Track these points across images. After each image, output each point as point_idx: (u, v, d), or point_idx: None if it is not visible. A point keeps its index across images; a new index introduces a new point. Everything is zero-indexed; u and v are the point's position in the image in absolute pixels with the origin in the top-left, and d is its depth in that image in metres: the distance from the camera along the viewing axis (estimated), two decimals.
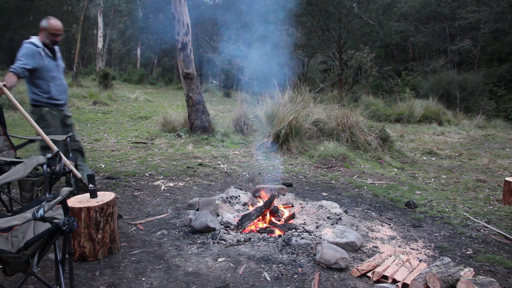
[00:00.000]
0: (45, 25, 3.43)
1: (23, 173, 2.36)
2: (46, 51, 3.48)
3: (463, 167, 6.38)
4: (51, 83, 3.51)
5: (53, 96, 3.54)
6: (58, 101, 3.62)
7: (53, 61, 3.56)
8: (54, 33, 3.45)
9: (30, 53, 3.36)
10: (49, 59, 3.50)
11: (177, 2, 7.06)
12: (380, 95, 16.12)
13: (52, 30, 3.43)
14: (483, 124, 11.81)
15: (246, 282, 2.36)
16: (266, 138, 6.65)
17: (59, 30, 3.47)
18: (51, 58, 3.54)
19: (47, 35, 3.45)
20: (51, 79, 3.52)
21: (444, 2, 20.62)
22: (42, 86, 3.46)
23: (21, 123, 8.08)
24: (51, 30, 3.43)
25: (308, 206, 3.68)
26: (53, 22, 3.45)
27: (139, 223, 3.32)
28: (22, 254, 1.67)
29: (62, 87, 3.66)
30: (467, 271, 2.38)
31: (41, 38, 3.47)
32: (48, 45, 3.49)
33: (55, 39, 3.49)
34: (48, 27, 3.42)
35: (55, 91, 3.55)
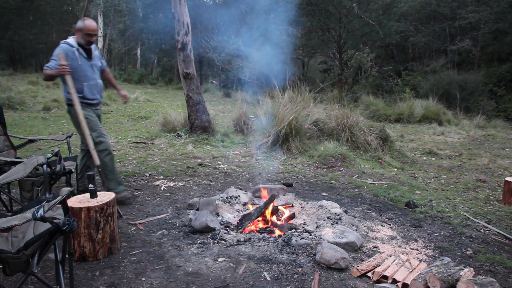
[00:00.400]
0: (81, 25, 3.47)
1: (23, 173, 2.36)
2: (80, 51, 3.51)
3: (463, 167, 6.38)
4: (84, 83, 3.52)
5: (86, 95, 3.55)
6: (91, 101, 3.62)
7: (88, 61, 3.58)
8: (89, 34, 3.48)
9: (64, 53, 3.38)
10: (83, 59, 3.53)
11: (177, 2, 7.05)
12: (380, 95, 16.12)
13: (87, 30, 3.46)
14: (483, 124, 11.80)
15: (246, 282, 2.36)
16: (266, 138, 6.65)
17: (93, 30, 3.50)
18: (86, 58, 3.56)
19: (82, 35, 3.48)
20: (85, 78, 3.53)
21: (444, 2, 20.62)
22: (75, 85, 3.46)
23: (21, 123, 8.08)
24: (86, 31, 3.46)
25: (308, 206, 3.68)
26: (88, 22, 3.49)
27: (139, 223, 3.32)
28: (22, 254, 1.67)
29: (96, 87, 3.66)
30: (467, 271, 2.38)
31: (76, 39, 3.51)
32: (83, 45, 3.53)
33: (90, 39, 3.52)
34: (84, 27, 3.46)
35: (88, 91, 3.56)
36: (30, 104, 10.70)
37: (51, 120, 8.76)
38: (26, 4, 24.26)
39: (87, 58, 3.58)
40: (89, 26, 3.47)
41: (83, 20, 3.50)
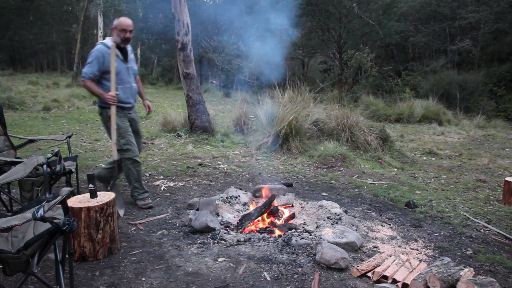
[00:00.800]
0: (115, 23, 3.45)
1: (23, 173, 2.36)
2: (117, 53, 3.44)
3: (463, 167, 6.38)
4: (119, 86, 3.44)
5: (120, 99, 3.46)
6: (125, 104, 3.55)
7: (123, 64, 3.52)
8: (124, 29, 3.42)
9: (100, 55, 3.36)
10: (119, 61, 3.47)
11: (177, 2, 7.05)
12: (380, 95, 16.12)
13: (122, 26, 3.41)
14: (483, 124, 11.80)
15: (246, 282, 2.37)
16: (266, 138, 6.65)
17: (128, 25, 3.44)
18: (122, 60, 3.50)
19: (117, 32, 3.43)
20: (120, 81, 3.46)
21: (444, 2, 20.62)
22: (105, 86, 3.41)
23: (21, 123, 8.08)
24: (120, 26, 3.41)
25: (308, 206, 3.68)
26: (122, 19, 3.47)
27: (139, 223, 3.32)
28: (22, 254, 1.67)
29: (130, 90, 3.59)
30: (467, 271, 2.38)
31: (113, 39, 3.47)
32: (120, 46, 3.47)
33: (125, 36, 3.45)
34: (118, 24, 3.43)
35: (122, 94, 3.47)
36: (30, 104, 10.70)
37: (51, 120, 8.76)
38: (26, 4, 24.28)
39: (123, 61, 3.52)
40: (123, 22, 3.43)
41: (118, 18, 3.50)
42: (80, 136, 7.19)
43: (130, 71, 3.59)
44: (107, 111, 3.47)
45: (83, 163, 5.16)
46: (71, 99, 11.94)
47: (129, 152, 3.54)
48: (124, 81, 3.51)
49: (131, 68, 3.61)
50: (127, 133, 3.53)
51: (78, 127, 8.21)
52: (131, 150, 3.54)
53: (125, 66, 3.54)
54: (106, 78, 3.42)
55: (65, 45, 30.08)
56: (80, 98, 12.53)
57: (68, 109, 10.57)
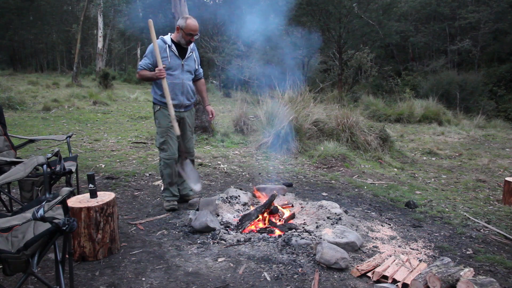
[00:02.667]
0: (182, 24, 3.32)
1: (23, 173, 2.36)
2: (173, 49, 3.39)
3: (463, 167, 6.38)
4: (168, 80, 3.32)
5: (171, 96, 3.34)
6: (177, 102, 3.43)
7: (178, 59, 3.42)
8: (191, 33, 3.33)
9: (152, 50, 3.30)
10: (174, 57, 3.39)
11: (177, 2, 7.05)
12: (380, 95, 16.13)
13: (189, 30, 3.31)
14: (483, 124, 11.81)
15: (246, 282, 2.36)
16: (266, 138, 6.65)
17: (195, 30, 3.34)
18: (176, 56, 3.41)
19: (183, 34, 3.35)
20: (169, 77, 3.35)
21: (444, 2, 20.63)
22: (158, 83, 3.35)
23: (21, 123, 8.08)
24: (187, 30, 3.31)
25: (308, 206, 3.68)
26: (191, 22, 3.33)
27: (139, 223, 3.32)
28: (22, 254, 1.67)
29: (181, 87, 3.44)
30: (467, 271, 2.38)
31: (174, 37, 3.40)
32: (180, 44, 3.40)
33: (191, 39, 3.38)
34: (185, 26, 3.31)
35: (172, 91, 3.35)
36: (30, 104, 10.70)
37: (51, 120, 8.76)
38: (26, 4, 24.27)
39: (178, 57, 3.42)
40: (191, 26, 3.31)
41: (185, 19, 3.34)
42: (80, 136, 7.19)
43: (185, 67, 3.46)
44: (154, 107, 3.47)
45: (83, 163, 5.16)
46: (71, 99, 11.94)
47: (164, 152, 3.47)
48: (175, 76, 3.40)
49: (187, 65, 3.48)
50: (167, 133, 3.43)
51: (78, 127, 8.21)
52: (166, 150, 3.46)
53: (179, 62, 3.43)
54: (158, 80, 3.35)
55: (65, 45, 30.08)
56: (80, 98, 12.53)
57: (68, 109, 10.57)
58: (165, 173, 3.55)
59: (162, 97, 3.35)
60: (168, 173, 3.54)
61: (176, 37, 3.41)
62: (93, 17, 26.40)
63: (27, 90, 13.47)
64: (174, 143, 3.49)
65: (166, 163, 3.49)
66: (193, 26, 3.32)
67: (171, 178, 3.58)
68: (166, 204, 3.61)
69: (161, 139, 3.46)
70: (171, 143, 3.47)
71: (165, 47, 3.36)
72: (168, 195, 3.63)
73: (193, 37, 3.36)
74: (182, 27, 3.33)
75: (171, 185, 3.61)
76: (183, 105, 3.53)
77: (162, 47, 3.35)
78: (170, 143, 3.46)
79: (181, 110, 3.53)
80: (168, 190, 3.63)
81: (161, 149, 3.49)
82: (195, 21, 3.35)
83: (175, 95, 3.41)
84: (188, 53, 3.49)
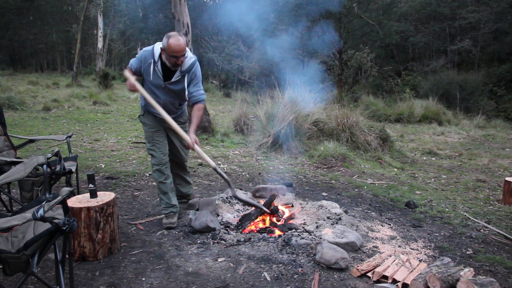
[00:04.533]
0: (164, 44, 2.89)
1: (23, 173, 2.36)
2: (157, 67, 3.00)
3: (463, 167, 6.38)
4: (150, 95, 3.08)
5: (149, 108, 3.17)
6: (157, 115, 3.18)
7: (160, 81, 3.04)
8: (174, 56, 2.88)
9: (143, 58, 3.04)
10: (156, 77, 3.03)
11: (177, 2, 7.05)
12: (380, 95, 16.13)
13: (171, 52, 2.86)
14: (483, 124, 11.81)
15: (246, 282, 2.36)
16: (266, 138, 6.65)
17: (179, 52, 2.86)
18: (160, 77, 3.03)
19: (166, 56, 2.93)
20: (150, 92, 3.10)
21: (444, 2, 20.64)
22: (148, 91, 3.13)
23: (21, 123, 8.08)
24: (169, 52, 2.87)
25: (308, 206, 3.68)
26: (172, 42, 2.84)
27: (139, 223, 3.32)
28: (22, 254, 1.67)
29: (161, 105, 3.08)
30: (467, 271, 2.37)
31: (162, 56, 2.99)
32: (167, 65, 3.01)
33: (176, 62, 2.92)
34: (167, 48, 2.87)
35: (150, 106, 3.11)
36: (30, 104, 10.70)
37: (51, 120, 8.76)
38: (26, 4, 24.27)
39: (161, 78, 3.03)
40: (172, 47, 2.84)
41: (167, 38, 2.86)
42: (80, 136, 7.19)
43: (166, 90, 3.11)
44: (140, 111, 3.33)
45: (83, 163, 5.16)
46: (71, 99, 11.94)
47: (153, 158, 3.25)
48: (156, 95, 3.11)
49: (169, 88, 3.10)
50: (152, 138, 3.24)
51: (78, 127, 8.21)
52: (155, 156, 3.24)
53: (161, 84, 3.06)
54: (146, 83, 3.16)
55: (65, 45, 30.07)
56: (80, 98, 12.53)
57: (68, 109, 10.57)
58: (158, 180, 3.29)
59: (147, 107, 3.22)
60: (161, 180, 3.28)
61: (163, 57, 2.98)
62: (93, 17, 26.42)
63: (27, 90, 13.46)
64: (162, 148, 3.27)
65: (156, 169, 3.27)
66: (175, 47, 2.84)
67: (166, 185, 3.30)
68: (165, 220, 3.26)
69: (148, 145, 3.28)
70: (158, 148, 3.25)
71: (150, 62, 3.00)
72: (165, 205, 3.32)
73: (179, 59, 2.91)
74: (164, 47, 2.90)
75: (165, 193, 3.31)
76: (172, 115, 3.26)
77: (147, 61, 3.01)
78: (158, 148, 3.25)
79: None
80: (165, 198, 3.31)
81: (150, 155, 3.30)
82: (179, 40, 2.86)
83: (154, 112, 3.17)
84: (176, 76, 3.04)
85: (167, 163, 3.32)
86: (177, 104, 3.28)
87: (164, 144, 3.32)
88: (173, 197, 3.35)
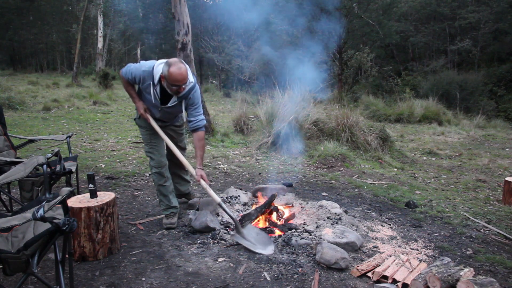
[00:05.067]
0: (165, 73, 2.77)
1: (23, 173, 2.36)
2: (156, 91, 2.96)
3: (463, 167, 6.38)
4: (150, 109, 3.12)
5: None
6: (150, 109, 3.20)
7: (158, 103, 3.01)
8: (175, 84, 2.78)
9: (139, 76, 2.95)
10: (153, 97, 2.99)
11: (177, 2, 7.05)
12: (380, 95, 16.13)
13: (172, 81, 2.76)
14: (483, 124, 11.81)
15: (246, 282, 2.36)
16: (266, 138, 6.65)
17: (181, 81, 2.76)
18: (158, 100, 3.00)
19: (167, 84, 2.84)
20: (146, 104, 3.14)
21: (444, 2, 20.64)
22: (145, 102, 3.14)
23: (21, 123, 8.08)
24: (170, 81, 2.77)
25: (308, 206, 3.68)
26: (173, 71, 2.72)
27: (139, 223, 3.32)
28: (22, 254, 1.67)
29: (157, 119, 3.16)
30: (467, 271, 2.38)
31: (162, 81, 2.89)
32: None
33: (178, 90, 2.85)
34: (168, 76, 2.76)
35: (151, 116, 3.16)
36: (30, 104, 10.70)
37: (51, 120, 8.76)
38: (26, 4, 24.26)
39: (158, 100, 3.00)
40: (174, 76, 2.73)
41: (168, 65, 2.75)
42: (80, 136, 7.19)
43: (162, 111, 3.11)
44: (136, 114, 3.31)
45: (83, 163, 5.16)
46: (71, 99, 11.93)
47: (152, 161, 3.23)
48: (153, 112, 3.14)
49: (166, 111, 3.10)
50: (150, 140, 3.22)
51: (78, 127, 8.21)
52: (153, 159, 3.22)
53: (158, 106, 3.04)
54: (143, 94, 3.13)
55: (65, 45, 30.07)
56: (80, 98, 12.52)
57: (68, 109, 10.57)
58: (158, 183, 3.27)
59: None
60: (161, 183, 3.26)
61: (163, 82, 2.89)
62: (93, 17, 26.41)
63: (27, 90, 13.46)
64: (160, 150, 3.26)
65: (156, 172, 3.25)
66: (177, 76, 2.73)
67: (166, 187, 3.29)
68: (165, 221, 3.26)
69: (146, 147, 3.26)
70: (157, 150, 3.23)
71: (149, 83, 2.94)
72: (165, 207, 3.30)
73: (181, 87, 2.83)
74: (165, 75, 2.78)
75: (166, 196, 3.30)
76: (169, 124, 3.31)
77: (146, 81, 2.94)
78: (156, 150, 3.23)
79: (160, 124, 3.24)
80: (164, 200, 3.30)
81: (149, 157, 3.27)
82: (180, 69, 2.74)
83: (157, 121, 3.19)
84: (173, 102, 3.00)
85: (166, 165, 3.31)
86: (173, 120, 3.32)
87: (162, 145, 3.31)
88: (173, 198, 3.34)
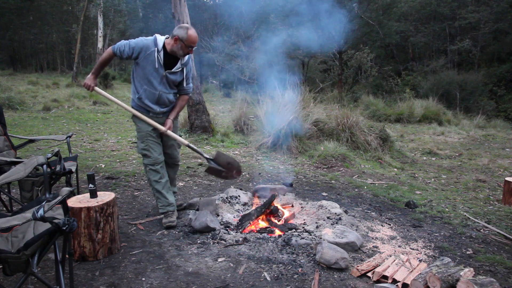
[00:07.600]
0: (183, 36, 2.99)
1: (23, 173, 2.36)
2: (160, 56, 3.06)
3: (463, 167, 6.38)
4: (145, 86, 3.11)
5: (142, 98, 3.14)
6: (148, 108, 3.19)
7: (161, 69, 3.09)
8: (191, 46, 3.05)
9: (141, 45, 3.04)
10: (157, 64, 3.06)
11: (177, 2, 7.05)
12: (380, 95, 16.13)
13: (190, 42, 3.01)
14: (483, 124, 11.81)
15: (246, 282, 2.36)
16: (266, 138, 6.65)
17: (196, 42, 3.06)
18: (160, 65, 3.07)
19: (182, 46, 3.02)
20: (147, 83, 3.11)
21: (444, 2, 20.63)
22: (136, 85, 3.16)
23: (21, 123, 8.08)
24: (188, 43, 3.01)
25: (308, 206, 3.68)
26: (192, 33, 3.02)
27: (139, 223, 3.32)
28: (22, 254, 1.67)
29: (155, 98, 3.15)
30: (467, 271, 2.38)
31: (168, 44, 3.06)
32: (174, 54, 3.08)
33: (190, 52, 3.11)
34: (187, 38, 2.99)
35: (143, 95, 3.13)
36: (30, 104, 10.70)
37: (51, 120, 8.76)
38: (26, 4, 24.25)
39: (162, 66, 3.09)
40: (192, 38, 3.02)
41: (186, 30, 3.00)
42: (80, 136, 7.19)
43: (164, 80, 3.14)
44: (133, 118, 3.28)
45: (83, 163, 5.16)
46: (71, 99, 11.94)
47: (147, 158, 3.22)
48: (153, 86, 3.12)
49: (169, 77, 3.14)
50: (147, 137, 3.19)
51: (78, 127, 8.21)
52: (149, 156, 3.20)
53: (161, 73, 3.10)
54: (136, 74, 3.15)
55: (65, 45, 30.05)
56: (80, 98, 12.52)
57: (68, 109, 10.57)
58: (153, 179, 3.24)
59: (140, 100, 3.17)
60: (156, 179, 3.24)
61: (171, 46, 3.05)
62: (93, 17, 26.40)
63: (27, 90, 13.46)
64: (156, 147, 3.24)
65: (151, 169, 3.22)
66: (195, 38, 3.05)
67: (161, 184, 3.27)
68: (164, 220, 3.24)
69: (142, 145, 3.21)
70: (153, 148, 3.21)
71: (153, 50, 3.04)
72: (163, 204, 3.27)
73: (192, 49, 3.10)
74: (183, 39, 3.00)
75: (161, 192, 3.26)
76: (158, 112, 3.24)
77: (150, 48, 3.04)
78: (152, 148, 3.21)
79: (159, 116, 3.26)
80: (161, 197, 3.27)
81: (144, 155, 3.23)
82: (195, 32, 3.07)
83: (150, 103, 3.17)
84: (177, 67, 3.15)
85: (162, 162, 3.30)
86: (171, 96, 3.26)
87: (159, 143, 3.29)
88: (169, 195, 3.31)
